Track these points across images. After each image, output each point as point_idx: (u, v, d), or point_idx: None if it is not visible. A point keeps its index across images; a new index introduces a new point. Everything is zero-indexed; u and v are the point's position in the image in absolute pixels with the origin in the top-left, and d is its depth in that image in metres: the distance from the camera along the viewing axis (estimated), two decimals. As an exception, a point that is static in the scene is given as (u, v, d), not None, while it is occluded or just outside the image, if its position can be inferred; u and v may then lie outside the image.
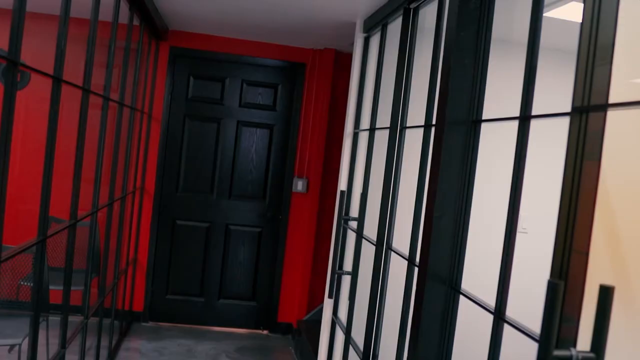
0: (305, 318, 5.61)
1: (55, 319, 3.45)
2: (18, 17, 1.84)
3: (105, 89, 3.42)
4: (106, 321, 4.36)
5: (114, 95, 3.75)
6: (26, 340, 3.34)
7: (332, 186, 5.46)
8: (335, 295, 4.22)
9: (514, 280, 1.98)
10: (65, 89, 2.37)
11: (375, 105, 3.76)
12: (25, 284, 4.26)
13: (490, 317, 2.04)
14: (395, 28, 3.52)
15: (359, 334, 3.60)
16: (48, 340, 3.75)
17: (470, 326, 2.40)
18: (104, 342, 4.32)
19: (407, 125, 3.19)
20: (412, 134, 3.12)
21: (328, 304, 4.30)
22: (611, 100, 1.58)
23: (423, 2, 3.08)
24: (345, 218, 4.12)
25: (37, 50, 2.74)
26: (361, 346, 3.50)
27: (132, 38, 4.07)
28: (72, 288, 3.09)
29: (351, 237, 4.02)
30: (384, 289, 3.33)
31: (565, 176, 1.61)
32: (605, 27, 1.59)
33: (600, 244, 1.65)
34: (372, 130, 3.76)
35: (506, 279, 2.00)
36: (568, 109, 1.63)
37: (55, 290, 3.51)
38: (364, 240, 3.71)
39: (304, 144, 5.78)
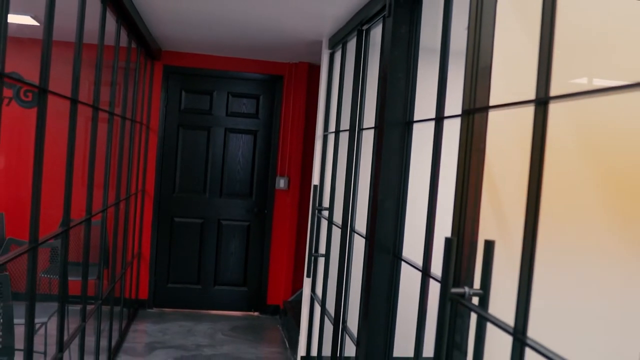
0: (290, 299, 5.93)
1: (72, 308, 3.82)
2: (47, 52, 2.23)
3: (110, 105, 3.78)
4: (116, 308, 4.71)
5: (117, 110, 4.09)
6: (51, 321, 3.73)
7: (309, 182, 5.69)
8: (313, 274, 4.61)
9: (436, 245, 2.38)
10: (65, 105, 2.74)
11: (339, 111, 4.12)
12: (45, 276, 4.59)
13: (420, 274, 2.46)
14: (353, 46, 3.89)
15: (331, 306, 3.99)
16: (68, 322, 4.12)
17: (407, 284, 2.77)
18: (115, 326, 4.68)
19: (363, 127, 3.59)
20: (367, 135, 3.51)
21: (307, 282, 4.68)
22: (491, 103, 1.99)
23: (372, 25, 3.48)
24: (318, 208, 4.50)
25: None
26: (333, 315, 3.90)
27: (130, 59, 4.42)
28: (78, 278, 3.45)
29: (324, 224, 4.37)
30: (349, 264, 3.70)
31: (459, 161, 2.02)
32: (485, 49, 2.00)
33: (487, 211, 2.06)
34: (337, 132, 4.14)
35: (429, 245, 2.42)
36: (461, 111, 2.04)
37: (71, 280, 3.86)
38: (333, 226, 4.10)
39: (284, 146, 6.04)
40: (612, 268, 1.36)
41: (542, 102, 1.52)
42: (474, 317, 1.91)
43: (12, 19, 2.86)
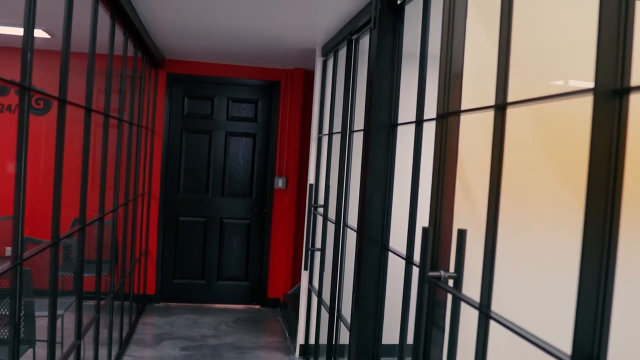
0: (289, 292, 6.08)
1: (85, 303, 3.98)
2: (65, 67, 2.42)
3: (119, 111, 3.96)
4: (126, 303, 4.88)
5: (125, 116, 4.27)
6: (65, 314, 3.90)
7: (306, 182, 5.79)
8: (310, 267, 4.79)
9: (419, 235, 2.56)
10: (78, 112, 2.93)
11: (332, 114, 4.30)
12: (60, 273, 4.77)
13: (404, 262, 2.65)
14: (343, 54, 4.05)
15: (327, 296, 4.18)
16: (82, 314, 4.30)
17: (394, 272, 2.96)
18: (125, 319, 4.85)
19: (354, 129, 3.78)
20: (357, 136, 3.69)
21: (304, 275, 4.87)
22: (462, 108, 2.18)
23: (361, 34, 3.67)
24: (314, 206, 4.68)
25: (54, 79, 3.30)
26: (329, 304, 4.08)
27: (137, 68, 4.60)
28: (92, 274, 3.63)
29: (319, 220, 4.57)
30: (343, 257, 3.89)
31: (434, 160, 2.21)
32: (456, 59, 2.19)
33: (461, 203, 2.24)
34: (330, 134, 4.34)
35: (413, 235, 2.61)
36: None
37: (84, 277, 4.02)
38: (328, 221, 4.29)
39: (282, 148, 6.19)
40: (569, 240, 1.53)
41: (500, 107, 1.72)
42: (450, 297, 2.10)
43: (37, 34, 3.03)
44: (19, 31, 3.08)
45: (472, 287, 2.05)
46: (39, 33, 4.37)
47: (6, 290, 3.82)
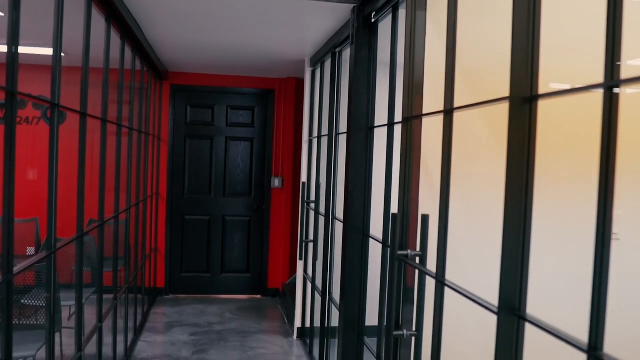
0: (287, 282, 6.33)
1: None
2: (85, 85, 2.69)
3: (129, 120, 4.24)
4: (139, 296, 5.16)
5: (134, 125, 4.54)
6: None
7: (300, 181, 6.19)
8: (304, 257, 5.07)
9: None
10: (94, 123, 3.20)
11: (320, 119, 4.56)
12: (74, 269, 5.03)
13: (380, 246, 2.93)
14: (328, 65, 4.30)
15: (320, 282, 4.45)
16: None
17: (376, 257, 3.22)
18: (139, 310, 5.11)
19: (339, 132, 4.05)
20: (342, 138, 3.95)
21: (300, 265, 5.14)
22: (424, 112, 2.45)
23: (343, 47, 3.94)
24: (307, 202, 4.96)
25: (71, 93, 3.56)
26: (321, 289, 4.36)
27: (143, 81, 4.87)
28: (109, 269, 3.88)
29: (312, 215, 4.84)
30: (332, 246, 4.16)
31: (401, 157, 2.49)
32: (417, 69, 2.46)
33: (424, 193, 2.52)
34: (319, 137, 4.61)
35: (388, 222, 2.88)
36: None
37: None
38: (319, 215, 4.56)
39: (277, 150, 6.44)
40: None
41: (449, 112, 2.00)
42: (417, 272, 2.38)
43: (45, 51, 3.26)
44: (35, 50, 3.33)
45: (434, 263, 2.32)
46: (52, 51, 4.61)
47: (30, 286, 4.09)
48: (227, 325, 5.41)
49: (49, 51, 2.36)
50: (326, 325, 4.24)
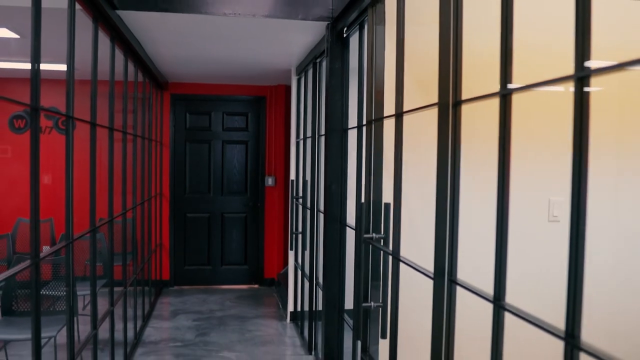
0: (282, 272, 6.60)
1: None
2: (94, 97, 2.97)
3: (134, 128, 4.51)
4: (146, 288, 5.43)
5: (138, 131, 4.81)
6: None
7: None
8: (295, 248, 5.35)
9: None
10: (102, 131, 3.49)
11: (305, 122, 4.82)
12: (88, 263, 5.29)
13: (354, 232, 3.21)
14: (310, 74, 4.56)
15: (308, 269, 4.72)
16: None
17: (351, 241, 3.50)
18: (146, 300, 5.38)
19: (321, 134, 4.33)
20: (323, 139, 4.23)
21: (291, 254, 5.40)
22: (385, 115, 2.73)
23: (322, 59, 4.21)
24: (295, 197, 5.23)
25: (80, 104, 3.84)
26: (309, 275, 4.64)
27: (145, 91, 5.15)
28: (118, 263, 4.14)
29: (300, 209, 5.10)
30: (317, 236, 4.43)
31: (366, 155, 2.76)
32: (378, 78, 2.74)
33: (387, 183, 2.81)
34: (305, 139, 4.88)
35: (360, 211, 3.16)
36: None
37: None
38: (306, 209, 4.83)
39: (270, 151, 6.69)
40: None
41: (399, 115, 2.29)
42: (382, 253, 2.66)
43: (55, 67, 3.50)
44: (47, 66, 3.58)
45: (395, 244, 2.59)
46: (62, 67, 4.89)
47: (47, 281, 4.36)
48: (227, 312, 5.70)
49: (59, 67, 2.61)
50: (314, 308, 4.51)
